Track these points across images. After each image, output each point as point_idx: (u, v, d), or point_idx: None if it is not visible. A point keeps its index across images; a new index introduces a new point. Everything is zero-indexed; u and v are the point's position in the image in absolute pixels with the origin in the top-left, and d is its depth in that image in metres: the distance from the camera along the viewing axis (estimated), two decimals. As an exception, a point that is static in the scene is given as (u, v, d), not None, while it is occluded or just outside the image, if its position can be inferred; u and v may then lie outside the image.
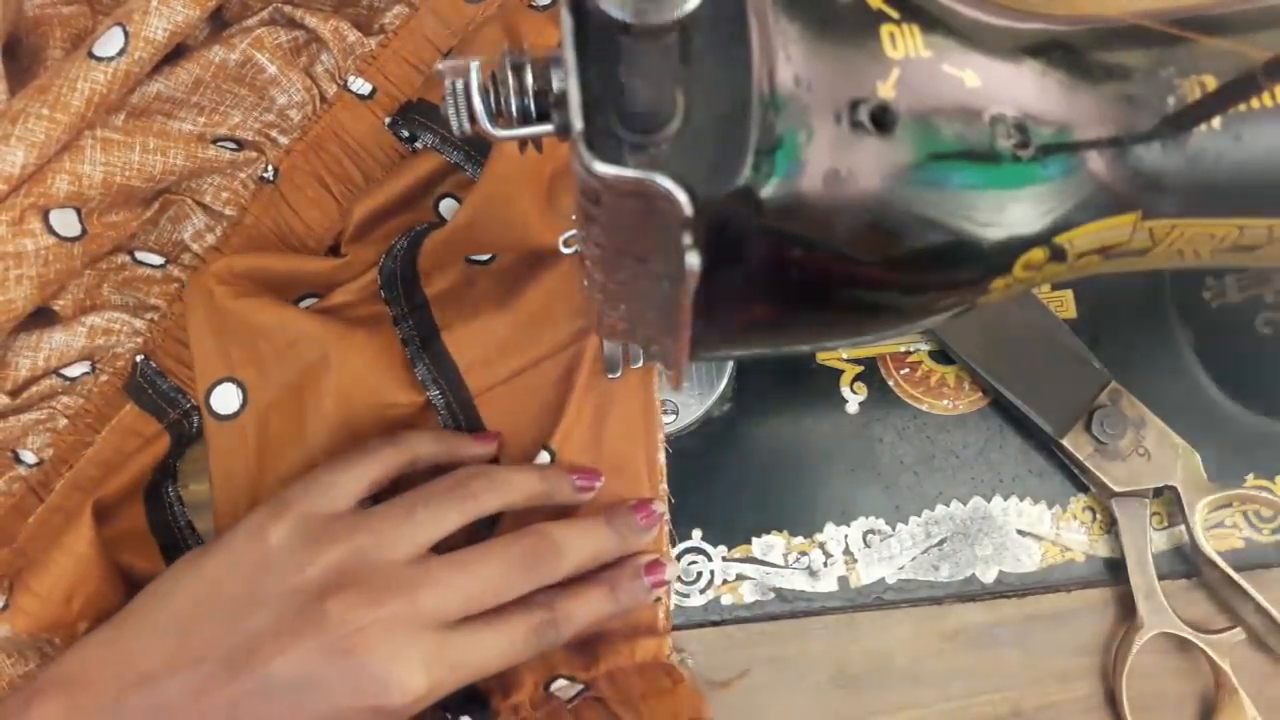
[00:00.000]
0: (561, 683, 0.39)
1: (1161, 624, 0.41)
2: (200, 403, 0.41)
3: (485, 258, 0.42)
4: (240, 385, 0.41)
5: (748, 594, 0.42)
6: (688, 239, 0.21)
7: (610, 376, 0.40)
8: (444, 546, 0.35)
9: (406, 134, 0.44)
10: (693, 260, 0.21)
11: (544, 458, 0.40)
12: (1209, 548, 0.41)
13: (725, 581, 0.42)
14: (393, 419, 0.41)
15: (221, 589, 0.33)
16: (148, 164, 0.40)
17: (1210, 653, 0.41)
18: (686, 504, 0.41)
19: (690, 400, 0.42)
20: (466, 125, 0.25)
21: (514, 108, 0.24)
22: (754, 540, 0.42)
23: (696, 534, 0.42)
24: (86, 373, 0.42)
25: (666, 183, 0.20)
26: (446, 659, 0.33)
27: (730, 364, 0.43)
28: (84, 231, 0.39)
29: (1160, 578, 0.42)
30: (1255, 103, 0.27)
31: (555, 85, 0.23)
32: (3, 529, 0.40)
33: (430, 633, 0.33)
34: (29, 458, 0.41)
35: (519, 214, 0.40)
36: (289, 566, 0.32)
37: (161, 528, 0.42)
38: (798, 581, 0.42)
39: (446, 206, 0.44)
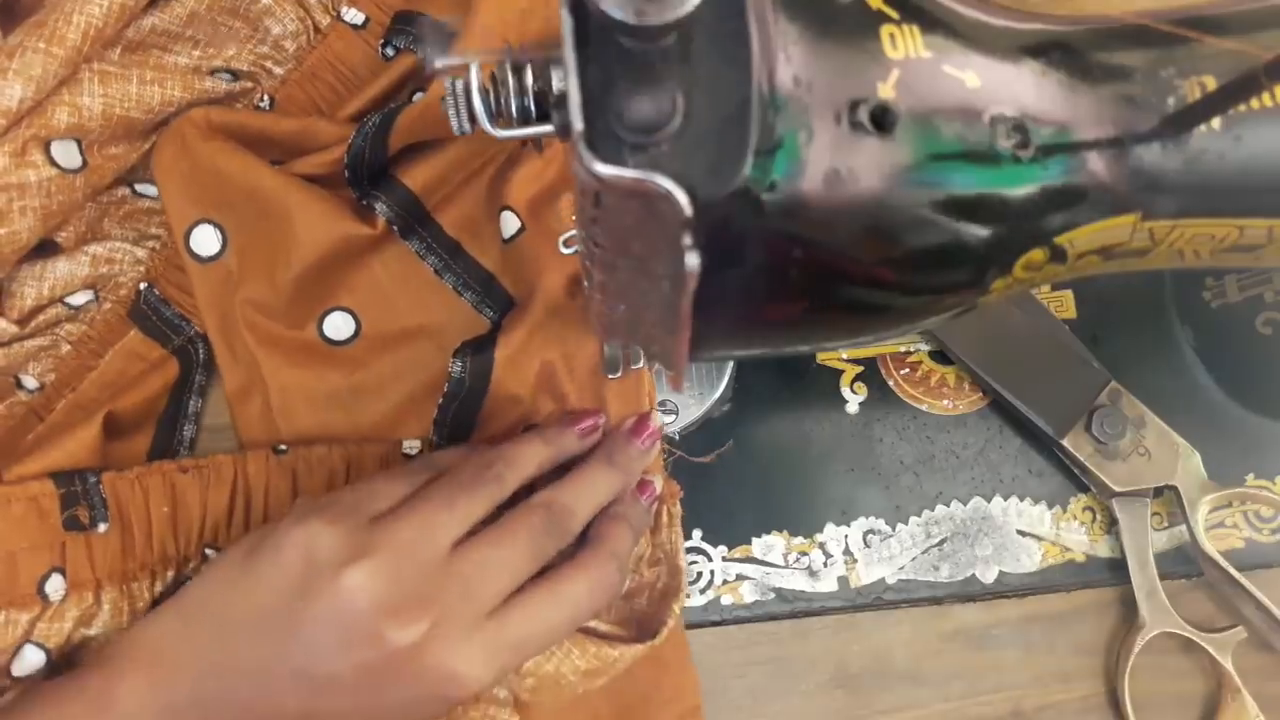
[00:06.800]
0: None
1: (1163, 623, 0.41)
2: (179, 247, 0.41)
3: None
4: (218, 226, 0.42)
5: (748, 594, 0.42)
6: (687, 239, 0.21)
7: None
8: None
9: (392, 53, 0.44)
10: (692, 260, 0.21)
11: (510, 218, 0.41)
12: (1210, 547, 0.41)
13: (725, 582, 0.42)
14: (357, 248, 0.42)
15: (276, 599, 0.32)
16: (146, 95, 0.40)
17: (1212, 652, 0.41)
18: (687, 504, 0.41)
19: (690, 400, 0.42)
20: (466, 125, 0.25)
21: (514, 108, 0.24)
22: (754, 540, 0.42)
23: (696, 534, 0.42)
24: (90, 300, 0.42)
25: (666, 183, 0.20)
26: (508, 641, 0.33)
27: (730, 364, 0.43)
28: (85, 163, 0.39)
29: (1161, 577, 0.42)
30: (1255, 103, 0.27)
31: (555, 85, 0.23)
32: (2, 447, 0.40)
33: (486, 622, 0.33)
34: (30, 383, 0.41)
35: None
36: (339, 581, 0.32)
37: (157, 456, 0.42)
38: (798, 581, 0.42)
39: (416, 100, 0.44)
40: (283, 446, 0.41)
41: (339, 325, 0.42)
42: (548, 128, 0.24)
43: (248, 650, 0.32)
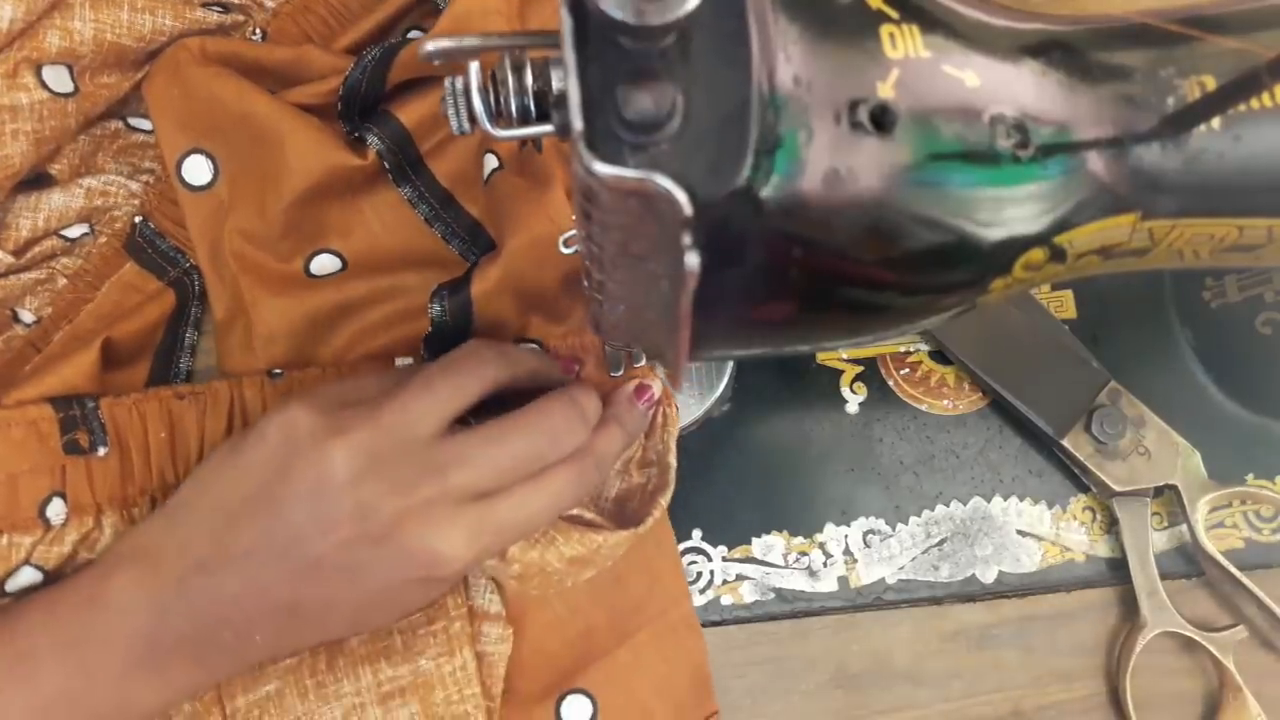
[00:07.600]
0: None
1: (1164, 623, 0.41)
2: (171, 176, 0.42)
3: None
4: (209, 156, 0.42)
5: (748, 594, 0.42)
6: (687, 239, 0.21)
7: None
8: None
9: None
10: (692, 260, 0.21)
11: (490, 159, 0.41)
12: (1210, 546, 0.41)
13: (725, 582, 0.42)
14: (348, 183, 0.42)
15: (258, 480, 0.33)
16: (137, 23, 0.40)
17: (1213, 651, 0.41)
18: (687, 504, 0.41)
19: (690, 400, 0.42)
20: (466, 125, 0.25)
21: (514, 108, 0.24)
22: (754, 540, 0.42)
23: (696, 534, 0.42)
24: (86, 234, 0.42)
25: (666, 183, 0.20)
26: (489, 525, 0.33)
27: (730, 364, 0.43)
28: (76, 89, 0.39)
29: (1161, 577, 0.42)
30: (1255, 103, 0.27)
31: (555, 85, 0.23)
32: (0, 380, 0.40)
33: (468, 505, 0.33)
34: (27, 317, 0.41)
35: (494, 28, 0.40)
36: (318, 456, 0.32)
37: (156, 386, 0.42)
38: (798, 581, 0.42)
39: (414, 37, 0.44)
40: (277, 370, 0.41)
41: (325, 265, 0.42)
42: (548, 127, 0.24)
43: (232, 538, 0.32)
